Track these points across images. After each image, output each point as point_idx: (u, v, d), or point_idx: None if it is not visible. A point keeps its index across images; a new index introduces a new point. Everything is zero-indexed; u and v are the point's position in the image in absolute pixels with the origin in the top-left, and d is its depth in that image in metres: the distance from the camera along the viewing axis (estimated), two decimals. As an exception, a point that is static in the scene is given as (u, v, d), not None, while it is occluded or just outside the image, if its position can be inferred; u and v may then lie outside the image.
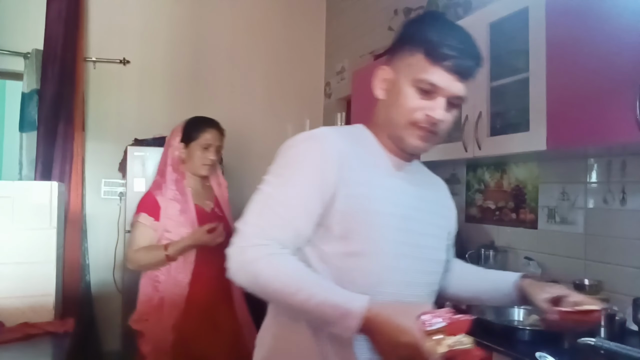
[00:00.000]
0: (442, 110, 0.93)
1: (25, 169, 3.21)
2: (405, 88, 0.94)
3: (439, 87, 0.92)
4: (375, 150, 1.01)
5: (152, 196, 1.93)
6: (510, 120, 1.92)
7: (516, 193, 2.19)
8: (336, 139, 0.95)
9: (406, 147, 0.98)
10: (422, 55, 0.92)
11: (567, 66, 1.56)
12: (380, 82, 1.01)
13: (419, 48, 0.92)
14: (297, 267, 0.89)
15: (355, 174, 0.93)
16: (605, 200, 1.79)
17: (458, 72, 0.92)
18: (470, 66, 0.93)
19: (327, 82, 4.10)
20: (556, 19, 1.61)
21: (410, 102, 0.93)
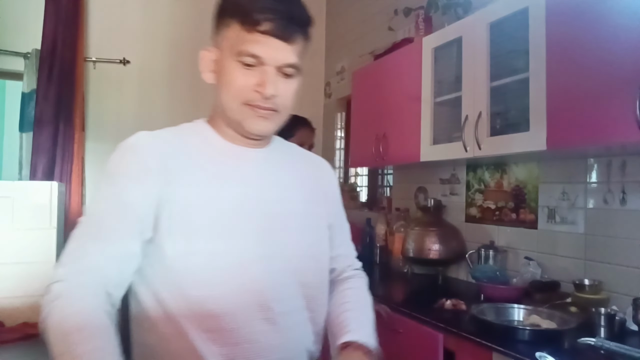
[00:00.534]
0: (273, 83, 0.83)
1: (25, 169, 3.21)
2: (229, 65, 0.84)
3: (262, 57, 0.82)
4: (212, 144, 0.91)
5: None
6: (510, 120, 1.92)
7: (516, 193, 2.19)
8: (152, 145, 0.85)
9: (247, 132, 0.88)
10: (238, 25, 0.82)
11: (567, 66, 1.56)
12: (206, 65, 0.89)
13: (233, 17, 0.83)
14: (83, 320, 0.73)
15: (181, 178, 0.84)
16: (605, 200, 1.79)
17: (280, 37, 0.82)
18: (292, 26, 0.83)
19: (327, 82, 4.10)
20: (556, 19, 1.61)
21: (237, 80, 0.83)
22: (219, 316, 0.82)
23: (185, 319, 0.82)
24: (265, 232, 0.88)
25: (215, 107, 0.92)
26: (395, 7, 2.94)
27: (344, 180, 3.91)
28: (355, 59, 3.57)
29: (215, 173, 0.88)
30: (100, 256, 0.79)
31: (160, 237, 0.82)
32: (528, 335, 1.50)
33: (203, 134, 0.92)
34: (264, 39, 0.82)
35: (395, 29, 3.04)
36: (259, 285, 0.86)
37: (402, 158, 2.50)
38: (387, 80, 2.62)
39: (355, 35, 3.66)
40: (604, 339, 1.41)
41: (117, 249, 0.81)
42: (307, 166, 1.04)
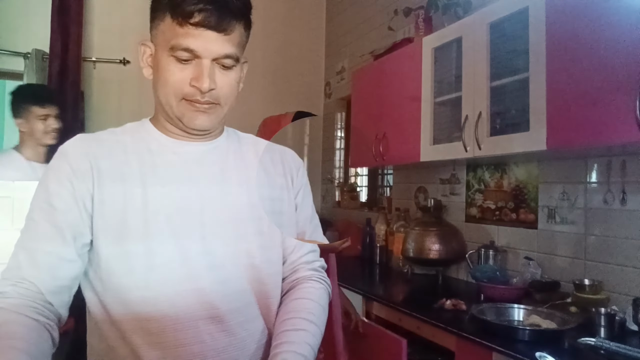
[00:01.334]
0: (210, 77, 0.80)
1: (25, 169, 3.21)
2: (164, 61, 0.81)
3: (196, 51, 0.79)
4: (151, 142, 0.88)
5: None
6: (510, 120, 1.92)
7: (516, 193, 2.19)
8: (82, 147, 0.84)
9: (188, 128, 0.86)
10: (170, 18, 0.79)
11: (567, 66, 1.56)
12: (145, 60, 0.87)
13: (165, 10, 0.80)
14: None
15: (114, 178, 0.82)
16: (605, 200, 1.79)
17: (214, 28, 0.78)
18: (227, 16, 0.79)
19: (327, 82, 4.10)
20: (556, 19, 1.61)
21: (172, 75, 0.81)
22: (160, 318, 0.81)
23: (127, 323, 0.81)
24: (204, 229, 0.85)
25: (156, 104, 0.90)
26: (395, 7, 2.94)
27: (344, 180, 3.91)
28: (355, 59, 3.57)
29: (151, 171, 0.85)
30: (31, 266, 0.79)
31: (96, 239, 0.81)
32: (528, 335, 1.50)
33: (143, 131, 0.90)
34: (197, 32, 0.78)
35: (395, 29, 3.04)
36: (201, 283, 0.83)
37: (402, 158, 2.50)
38: (387, 80, 2.62)
39: (355, 35, 3.66)
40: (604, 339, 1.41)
41: (48, 257, 0.79)
42: (269, 155, 0.99)
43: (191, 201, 0.85)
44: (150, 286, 0.81)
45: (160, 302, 0.81)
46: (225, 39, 0.80)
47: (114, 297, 0.82)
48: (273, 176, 0.97)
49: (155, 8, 0.84)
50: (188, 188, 0.86)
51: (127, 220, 0.81)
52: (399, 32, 2.99)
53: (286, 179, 0.98)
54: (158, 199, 0.83)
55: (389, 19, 3.06)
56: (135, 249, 0.80)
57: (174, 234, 0.83)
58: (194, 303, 0.82)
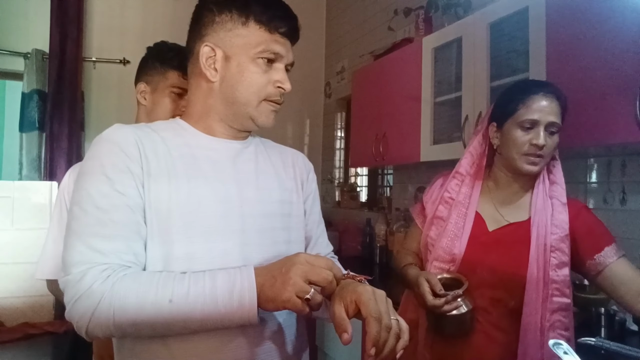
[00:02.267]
0: (289, 82, 0.92)
1: (25, 169, 3.21)
2: (248, 63, 0.88)
3: (282, 55, 0.90)
4: (189, 137, 0.91)
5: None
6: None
7: (516, 193, 2.19)
8: (129, 137, 0.84)
9: (258, 126, 0.92)
10: (258, 25, 0.87)
11: (567, 66, 1.56)
12: (210, 63, 0.89)
13: (249, 19, 0.87)
14: (151, 275, 0.77)
15: (158, 170, 0.83)
16: (605, 200, 1.79)
17: (291, 38, 0.92)
18: (298, 31, 0.93)
19: (327, 82, 4.10)
20: (556, 19, 1.61)
21: (260, 77, 0.89)
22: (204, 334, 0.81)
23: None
24: (244, 234, 0.87)
25: (212, 103, 0.91)
26: (395, 7, 2.94)
27: (344, 180, 3.91)
28: (355, 59, 3.57)
29: (193, 165, 0.87)
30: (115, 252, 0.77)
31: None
32: (528, 335, 1.49)
33: (178, 128, 0.92)
34: (282, 40, 0.90)
35: (395, 29, 3.04)
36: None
37: (402, 158, 2.50)
38: (387, 80, 2.62)
39: (355, 35, 3.67)
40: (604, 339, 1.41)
41: (134, 243, 0.79)
42: (282, 158, 1.04)
43: (233, 195, 0.89)
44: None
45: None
46: (291, 49, 0.94)
47: None
48: (284, 179, 1.00)
49: (228, 12, 0.88)
50: (229, 183, 0.89)
51: (170, 211, 0.82)
52: (399, 32, 2.99)
53: (296, 183, 1.02)
54: (202, 191, 0.85)
55: (389, 19, 3.06)
56: (177, 239, 0.82)
57: (217, 239, 0.85)
58: None
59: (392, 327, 0.71)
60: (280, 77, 0.91)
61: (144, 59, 1.36)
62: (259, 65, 0.88)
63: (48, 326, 1.60)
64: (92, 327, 0.74)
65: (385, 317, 0.71)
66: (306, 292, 0.73)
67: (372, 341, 0.69)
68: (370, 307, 0.71)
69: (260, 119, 0.91)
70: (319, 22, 4.17)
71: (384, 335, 0.70)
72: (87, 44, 3.43)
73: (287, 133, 4.04)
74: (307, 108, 4.12)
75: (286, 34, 0.90)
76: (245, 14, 0.87)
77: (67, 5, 3.25)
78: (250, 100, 0.89)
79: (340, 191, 3.86)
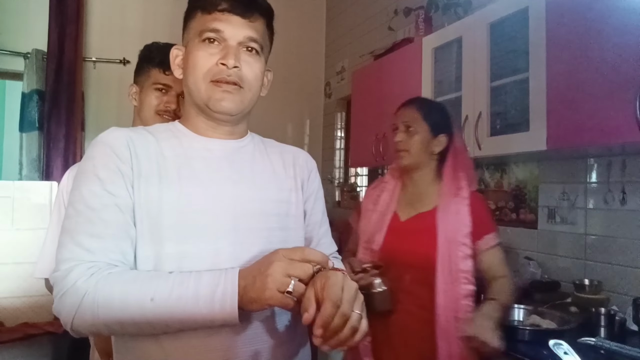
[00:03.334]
0: (235, 55, 0.87)
1: (25, 169, 3.21)
2: (194, 48, 0.89)
3: (223, 31, 0.87)
4: (182, 138, 0.92)
5: None
6: (510, 120, 1.92)
7: (516, 193, 2.19)
8: (123, 136, 0.85)
9: (215, 112, 0.90)
10: (200, 12, 0.90)
11: (567, 66, 1.56)
12: (177, 63, 0.94)
13: (196, 8, 0.91)
14: (136, 274, 0.78)
15: (150, 170, 0.84)
16: (605, 200, 1.79)
17: (239, 13, 0.88)
18: (249, 6, 0.89)
19: (327, 82, 4.10)
20: (556, 19, 1.61)
21: (201, 58, 0.87)
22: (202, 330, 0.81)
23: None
24: (237, 233, 0.87)
25: (186, 100, 0.95)
26: (395, 7, 2.94)
27: (344, 180, 3.91)
28: (355, 59, 3.57)
29: (186, 165, 0.88)
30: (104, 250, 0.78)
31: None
32: (528, 335, 1.50)
33: (174, 129, 0.94)
34: (224, 17, 0.88)
35: (395, 29, 3.04)
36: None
37: (402, 158, 2.49)
38: (387, 80, 2.61)
39: (355, 35, 3.66)
40: (604, 339, 1.41)
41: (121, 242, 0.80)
42: (282, 157, 1.02)
43: (226, 194, 0.88)
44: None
45: None
46: (250, 25, 0.89)
47: None
48: (283, 178, 0.99)
49: (187, 13, 0.93)
50: (223, 182, 0.89)
51: (161, 220, 0.82)
52: (399, 32, 2.99)
53: (295, 182, 1.00)
54: (195, 192, 0.85)
55: (389, 19, 3.06)
56: (168, 239, 0.82)
57: (209, 239, 0.84)
58: None
59: (351, 318, 0.71)
60: (223, 54, 0.87)
61: (138, 62, 1.41)
62: (202, 47, 0.88)
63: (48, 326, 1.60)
64: (77, 323, 0.75)
65: (345, 305, 0.71)
66: (287, 285, 0.73)
67: (321, 322, 0.69)
68: (332, 291, 0.71)
69: (211, 102, 0.88)
70: (319, 22, 4.16)
71: (337, 321, 0.69)
72: (87, 44, 3.42)
73: (287, 133, 4.04)
74: (307, 108, 4.12)
75: (227, 10, 0.87)
76: (193, 8, 0.91)
77: (66, 5, 3.24)
78: (198, 85, 0.88)
79: (340, 191, 3.86)
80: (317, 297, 0.73)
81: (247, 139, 0.99)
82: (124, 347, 0.86)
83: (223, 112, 0.90)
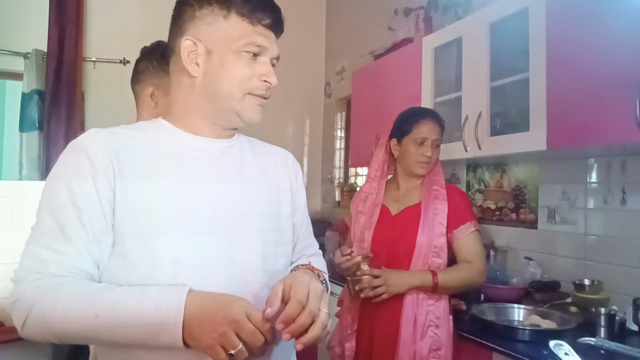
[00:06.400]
0: (274, 75, 0.88)
1: (25, 169, 3.21)
2: (230, 56, 0.85)
3: (267, 48, 0.87)
4: (171, 137, 0.88)
5: None
6: (510, 120, 1.92)
7: (516, 193, 2.19)
8: (101, 141, 0.82)
9: (245, 121, 0.89)
10: (239, 18, 0.84)
11: (567, 66, 1.56)
12: (191, 57, 0.86)
13: (229, 10, 0.85)
14: (84, 286, 0.76)
15: (136, 173, 0.81)
16: (605, 200, 1.79)
17: (275, 31, 0.89)
18: (282, 23, 0.90)
19: (327, 82, 4.10)
20: (556, 19, 1.61)
21: (243, 70, 0.85)
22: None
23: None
24: (231, 235, 0.85)
25: (193, 100, 0.88)
26: (395, 7, 2.94)
27: (344, 180, 3.91)
28: (355, 59, 3.57)
29: (175, 165, 0.85)
30: (56, 263, 0.77)
31: (122, 234, 0.79)
32: (528, 335, 1.50)
33: (160, 128, 0.89)
34: (266, 33, 0.87)
35: (395, 29, 3.04)
36: (218, 276, 0.83)
37: (402, 158, 2.50)
38: (387, 80, 2.62)
39: (355, 35, 3.66)
40: (604, 339, 1.41)
41: (76, 258, 0.77)
42: (271, 157, 1.01)
43: (218, 195, 0.86)
44: (177, 280, 0.79)
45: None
46: (276, 42, 0.91)
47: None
48: (273, 179, 0.98)
49: (215, 7, 0.85)
50: (214, 182, 0.87)
51: (153, 214, 0.79)
52: (399, 32, 2.99)
53: (285, 183, 1.00)
54: (183, 199, 0.82)
55: (389, 19, 3.06)
56: (160, 241, 0.79)
57: (202, 227, 0.83)
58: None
59: (320, 316, 0.75)
60: (265, 71, 0.87)
61: (143, 61, 1.31)
62: (242, 58, 0.85)
63: (48, 326, 1.60)
64: (27, 331, 0.76)
65: (312, 303, 0.75)
66: (234, 347, 0.70)
67: (284, 317, 0.73)
68: (298, 290, 0.75)
69: (245, 113, 0.88)
70: (319, 22, 4.16)
71: (304, 319, 0.73)
72: (87, 44, 3.42)
73: (287, 133, 4.04)
74: (307, 108, 4.12)
75: (269, 26, 0.87)
76: (226, 7, 0.85)
77: (66, 5, 3.24)
78: (233, 94, 0.86)
79: (340, 191, 3.86)
80: (284, 295, 0.76)
81: (235, 139, 0.97)
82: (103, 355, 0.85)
83: (252, 123, 0.91)
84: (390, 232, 1.63)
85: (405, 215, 1.64)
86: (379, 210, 1.69)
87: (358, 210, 1.75)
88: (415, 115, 1.69)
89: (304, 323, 0.73)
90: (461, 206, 1.61)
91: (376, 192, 1.73)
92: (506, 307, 1.73)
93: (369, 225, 1.67)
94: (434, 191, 1.63)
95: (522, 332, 1.52)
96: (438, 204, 1.59)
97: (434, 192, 1.63)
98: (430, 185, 1.65)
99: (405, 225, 1.61)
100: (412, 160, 1.64)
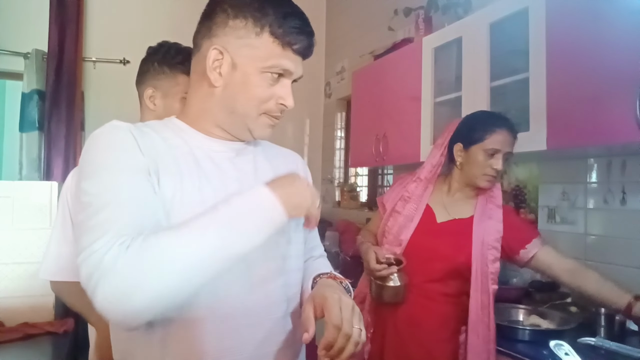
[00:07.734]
0: (292, 98, 0.88)
1: (25, 169, 3.21)
2: (253, 76, 0.84)
3: (292, 72, 0.87)
4: (187, 137, 0.88)
5: None
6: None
7: (516, 193, 2.19)
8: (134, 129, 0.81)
9: (255, 137, 0.91)
10: (272, 38, 0.83)
11: (567, 66, 1.56)
12: (214, 66, 0.85)
13: (264, 26, 0.83)
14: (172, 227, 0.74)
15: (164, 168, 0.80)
16: (605, 200, 1.79)
17: (304, 56, 0.88)
18: (313, 47, 0.89)
19: (327, 82, 4.11)
20: (556, 19, 1.61)
21: (264, 92, 0.85)
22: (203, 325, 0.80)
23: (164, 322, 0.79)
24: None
25: (210, 109, 0.88)
26: (395, 7, 2.94)
27: (344, 180, 3.91)
28: (355, 59, 3.57)
29: (194, 164, 0.84)
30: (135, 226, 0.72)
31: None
32: (528, 335, 1.50)
33: (175, 127, 0.89)
34: (294, 57, 0.86)
35: (395, 29, 3.04)
36: (238, 288, 0.83)
37: (402, 158, 2.50)
38: (387, 80, 2.62)
39: (355, 35, 3.66)
40: (604, 339, 1.41)
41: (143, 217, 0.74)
42: (282, 160, 1.02)
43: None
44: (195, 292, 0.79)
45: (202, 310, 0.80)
46: (302, 63, 0.91)
47: None
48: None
49: (242, 19, 0.83)
50: (230, 183, 0.87)
51: (172, 210, 0.78)
52: (399, 32, 2.99)
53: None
54: (206, 191, 0.82)
55: (389, 19, 3.06)
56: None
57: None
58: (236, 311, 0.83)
59: (353, 335, 0.76)
60: (284, 94, 0.87)
61: (146, 61, 1.31)
62: (265, 79, 0.84)
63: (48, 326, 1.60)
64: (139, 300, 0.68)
65: (346, 325, 0.76)
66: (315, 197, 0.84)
67: (323, 344, 0.76)
68: (332, 314, 0.78)
69: (256, 131, 0.89)
70: (319, 22, 4.16)
71: (341, 342, 0.75)
72: (87, 44, 3.43)
73: (287, 133, 4.04)
74: (307, 108, 4.12)
75: (299, 51, 0.86)
76: (260, 24, 0.83)
77: (66, 5, 3.25)
78: (249, 113, 0.86)
79: (340, 191, 3.86)
80: (315, 316, 0.80)
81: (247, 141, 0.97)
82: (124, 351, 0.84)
83: (261, 139, 0.94)
84: (430, 242, 1.51)
85: (452, 228, 1.51)
86: (422, 212, 1.55)
87: (395, 209, 1.61)
88: (490, 123, 1.49)
89: (341, 347, 0.76)
90: (523, 222, 1.54)
91: (421, 196, 1.59)
92: (506, 307, 1.73)
93: (407, 229, 1.53)
94: (488, 210, 1.51)
95: (522, 332, 1.52)
96: (493, 218, 1.49)
97: (488, 211, 1.51)
98: (485, 202, 1.53)
99: (450, 240, 1.49)
100: (478, 172, 1.48)
